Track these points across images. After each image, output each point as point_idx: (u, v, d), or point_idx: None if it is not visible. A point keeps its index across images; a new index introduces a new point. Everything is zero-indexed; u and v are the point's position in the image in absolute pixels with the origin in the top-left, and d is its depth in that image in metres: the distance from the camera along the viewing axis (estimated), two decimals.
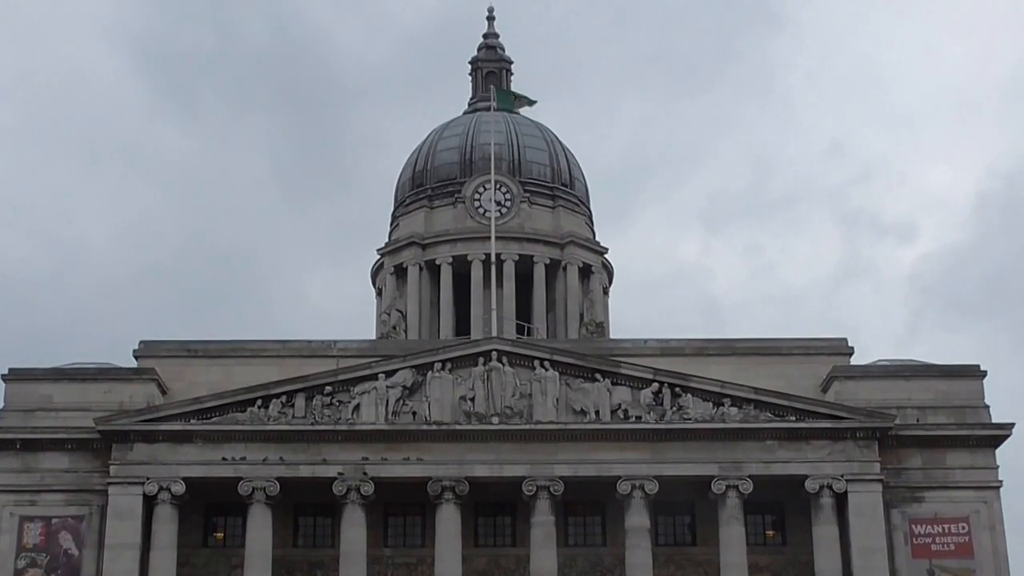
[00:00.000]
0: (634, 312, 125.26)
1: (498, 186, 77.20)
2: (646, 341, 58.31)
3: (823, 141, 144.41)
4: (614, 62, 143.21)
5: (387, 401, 54.39)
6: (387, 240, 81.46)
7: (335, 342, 58.08)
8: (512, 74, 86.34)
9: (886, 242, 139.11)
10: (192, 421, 54.03)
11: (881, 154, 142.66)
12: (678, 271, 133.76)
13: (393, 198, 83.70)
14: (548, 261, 78.03)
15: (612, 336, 75.15)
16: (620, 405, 54.48)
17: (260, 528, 53.75)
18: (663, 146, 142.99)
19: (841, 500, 53.79)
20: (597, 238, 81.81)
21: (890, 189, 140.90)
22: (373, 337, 74.34)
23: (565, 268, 78.29)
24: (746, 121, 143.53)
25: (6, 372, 56.22)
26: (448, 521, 53.89)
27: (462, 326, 76.35)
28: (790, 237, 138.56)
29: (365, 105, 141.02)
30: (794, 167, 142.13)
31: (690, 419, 54.16)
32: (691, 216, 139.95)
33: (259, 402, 54.28)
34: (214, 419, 54.12)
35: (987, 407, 55.88)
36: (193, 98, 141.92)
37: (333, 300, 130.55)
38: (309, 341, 58.47)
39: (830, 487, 53.59)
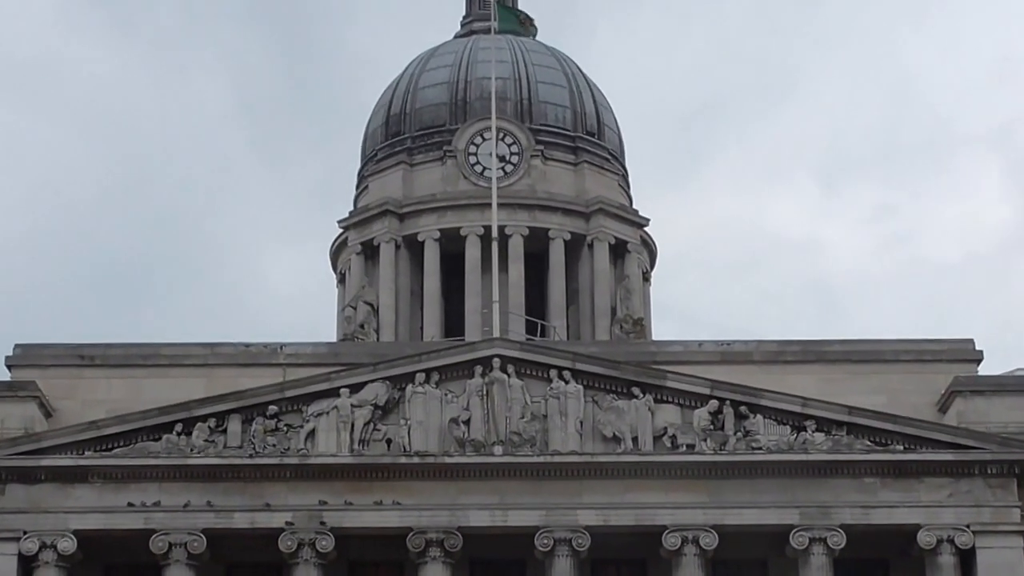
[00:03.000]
0: (694, 304, 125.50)
1: (501, 135, 77.46)
2: (701, 344, 58.44)
3: (984, 62, 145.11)
4: None
5: (352, 425, 54.27)
6: (352, 208, 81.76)
7: (282, 346, 58.08)
8: None
9: None
10: (87, 453, 53.67)
11: None
12: (772, 246, 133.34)
13: (360, 152, 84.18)
14: (568, 236, 78.41)
15: (655, 338, 76.31)
16: (666, 430, 54.27)
17: None
18: (750, 74, 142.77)
19: (967, 558, 53.45)
20: (635, 205, 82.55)
21: None
22: (334, 339, 75.06)
23: (591, 245, 78.74)
24: (874, 36, 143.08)
25: None
26: None
27: (453, 324, 76.86)
28: (936, 196, 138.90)
29: (360, 16, 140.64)
30: (943, 99, 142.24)
31: (761, 449, 53.97)
32: (792, 170, 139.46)
33: (179, 427, 54.00)
34: (117, 450, 53.77)
35: None
36: (125, 2, 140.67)
37: (289, 288, 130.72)
38: (247, 345, 58.38)
39: (952, 541, 53.21)
